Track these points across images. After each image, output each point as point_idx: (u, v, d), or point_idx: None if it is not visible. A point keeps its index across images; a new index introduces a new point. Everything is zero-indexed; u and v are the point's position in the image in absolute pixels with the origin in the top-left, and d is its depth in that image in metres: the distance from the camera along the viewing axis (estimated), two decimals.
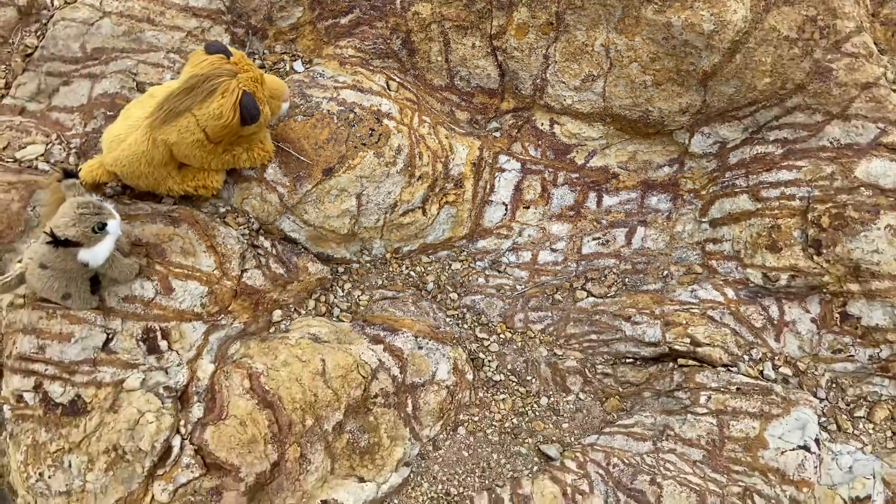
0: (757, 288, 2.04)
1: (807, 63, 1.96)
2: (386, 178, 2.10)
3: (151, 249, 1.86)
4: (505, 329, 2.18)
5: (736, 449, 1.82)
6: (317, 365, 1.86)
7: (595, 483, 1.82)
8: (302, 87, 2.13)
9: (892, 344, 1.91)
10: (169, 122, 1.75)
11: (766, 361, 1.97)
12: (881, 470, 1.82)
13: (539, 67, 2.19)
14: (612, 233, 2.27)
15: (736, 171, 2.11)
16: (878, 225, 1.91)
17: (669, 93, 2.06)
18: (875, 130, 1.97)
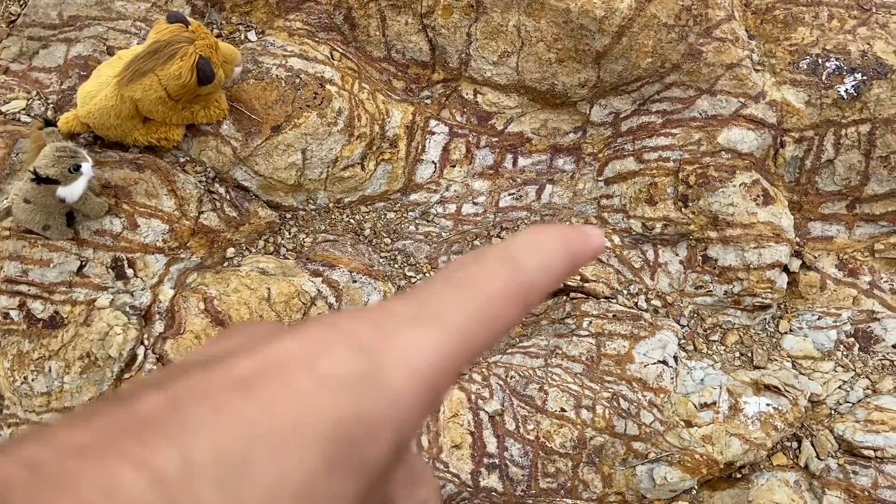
0: (638, 235, 2.43)
1: (682, 46, 2.33)
2: (328, 136, 2.43)
3: (119, 191, 2.17)
4: (430, 269, 2.54)
5: (609, 363, 2.22)
6: (263, 292, 2.20)
7: (495, 390, 2.21)
8: (254, 54, 2.43)
9: (742, 281, 2.31)
10: (135, 81, 2.06)
11: (640, 295, 2.36)
12: (727, 382, 2.23)
13: (463, 44, 2.52)
14: (525, 189, 2.63)
15: (626, 137, 2.49)
16: (734, 182, 2.30)
17: (570, 69, 2.42)
18: (737, 104, 2.35)
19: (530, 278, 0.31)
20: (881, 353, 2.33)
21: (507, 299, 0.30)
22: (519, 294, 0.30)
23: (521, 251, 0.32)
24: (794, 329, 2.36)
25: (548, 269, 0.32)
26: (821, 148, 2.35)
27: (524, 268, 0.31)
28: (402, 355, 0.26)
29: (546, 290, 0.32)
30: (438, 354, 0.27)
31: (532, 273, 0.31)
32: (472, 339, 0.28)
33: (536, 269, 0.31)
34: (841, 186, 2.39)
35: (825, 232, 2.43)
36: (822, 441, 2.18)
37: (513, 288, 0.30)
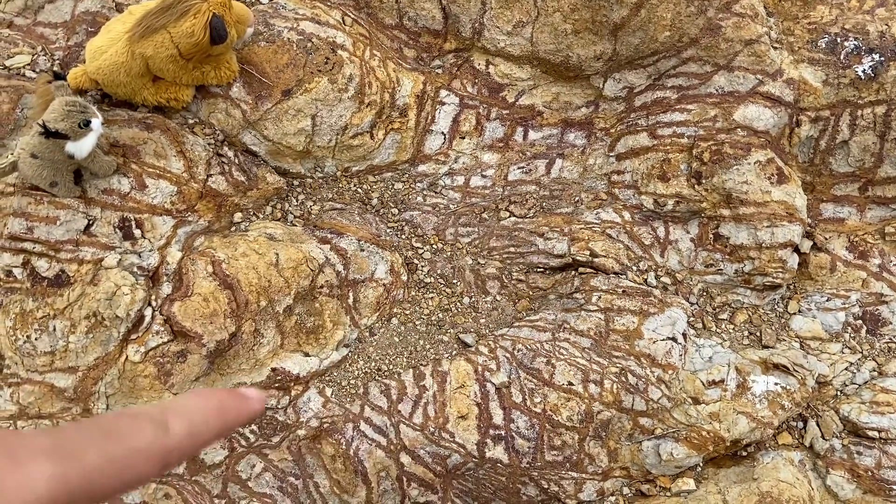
0: (649, 212, 2.41)
1: (701, 20, 2.30)
2: (338, 102, 2.39)
3: (128, 150, 2.13)
4: (437, 240, 2.52)
5: (617, 339, 2.21)
6: (271, 257, 2.17)
7: (502, 363, 2.19)
8: (266, 16, 2.39)
9: (753, 260, 2.30)
10: (146, 38, 2.01)
11: (650, 272, 2.35)
12: (735, 360, 2.23)
13: (477, 13, 2.48)
14: (534, 163, 2.60)
15: (639, 112, 2.46)
16: (748, 160, 2.28)
17: (586, 41, 2.39)
18: (754, 81, 2.33)
19: (175, 443, 0.34)
20: (888, 336, 2.33)
21: (146, 456, 0.33)
22: (159, 454, 0.33)
23: (174, 416, 0.35)
24: (802, 310, 2.36)
25: (194, 435, 0.35)
26: (836, 128, 2.34)
27: (171, 433, 0.34)
28: (21, 479, 0.28)
29: (191, 452, 0.35)
30: (59, 485, 0.29)
31: (177, 439, 0.34)
32: (100, 481, 0.31)
33: (182, 436, 0.34)
34: (854, 168, 2.37)
35: (837, 213, 2.42)
36: (827, 421, 2.19)
37: (154, 448, 0.33)
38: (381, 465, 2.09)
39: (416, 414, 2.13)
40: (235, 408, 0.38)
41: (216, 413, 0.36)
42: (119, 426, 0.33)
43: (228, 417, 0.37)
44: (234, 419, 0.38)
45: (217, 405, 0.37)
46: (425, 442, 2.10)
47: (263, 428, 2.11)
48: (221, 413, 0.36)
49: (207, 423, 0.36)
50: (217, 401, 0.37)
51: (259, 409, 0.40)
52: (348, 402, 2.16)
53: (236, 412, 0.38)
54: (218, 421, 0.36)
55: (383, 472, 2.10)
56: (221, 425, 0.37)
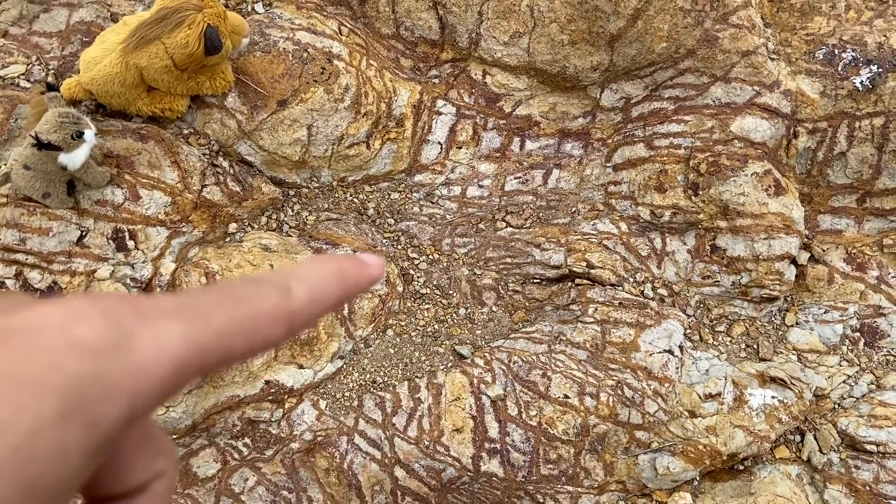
0: (646, 223, 2.40)
1: (698, 31, 2.30)
2: (334, 112, 2.38)
3: (121, 161, 2.12)
4: (434, 251, 2.51)
5: (614, 351, 2.19)
6: (266, 268, 2.16)
7: (497, 375, 2.18)
8: (262, 26, 2.38)
9: (750, 272, 2.29)
10: (140, 48, 2.01)
11: (647, 283, 2.34)
12: (732, 373, 2.21)
13: (474, 23, 2.48)
14: (531, 173, 2.60)
15: (636, 123, 2.45)
16: (745, 172, 2.27)
17: (583, 51, 2.38)
18: (751, 92, 2.32)
19: (299, 307, 0.33)
20: (886, 349, 2.31)
21: (272, 319, 0.32)
22: (285, 318, 0.33)
23: (296, 281, 0.34)
24: (800, 322, 2.35)
25: (318, 300, 0.34)
26: (834, 140, 2.33)
27: (294, 296, 0.33)
28: (153, 336, 0.28)
29: (315, 317, 0.35)
30: (190, 344, 0.29)
31: (301, 302, 0.33)
32: (229, 343, 0.30)
33: (305, 300, 0.34)
34: (852, 179, 2.36)
35: (834, 225, 2.41)
36: (825, 435, 2.17)
37: (280, 311, 0.32)
38: (375, 478, 2.08)
39: (411, 427, 2.11)
40: (355, 272, 0.37)
41: (336, 277, 0.36)
42: (244, 291, 0.32)
43: (349, 282, 0.36)
44: (354, 283, 0.37)
45: (336, 270, 0.36)
46: (420, 455, 2.08)
47: (256, 441, 2.10)
48: (341, 277, 0.36)
49: (328, 288, 0.35)
50: (336, 266, 0.36)
51: (379, 275, 0.39)
52: (342, 414, 2.14)
53: (356, 276, 0.37)
54: (338, 285, 0.36)
55: (377, 485, 2.08)
56: (342, 290, 0.36)
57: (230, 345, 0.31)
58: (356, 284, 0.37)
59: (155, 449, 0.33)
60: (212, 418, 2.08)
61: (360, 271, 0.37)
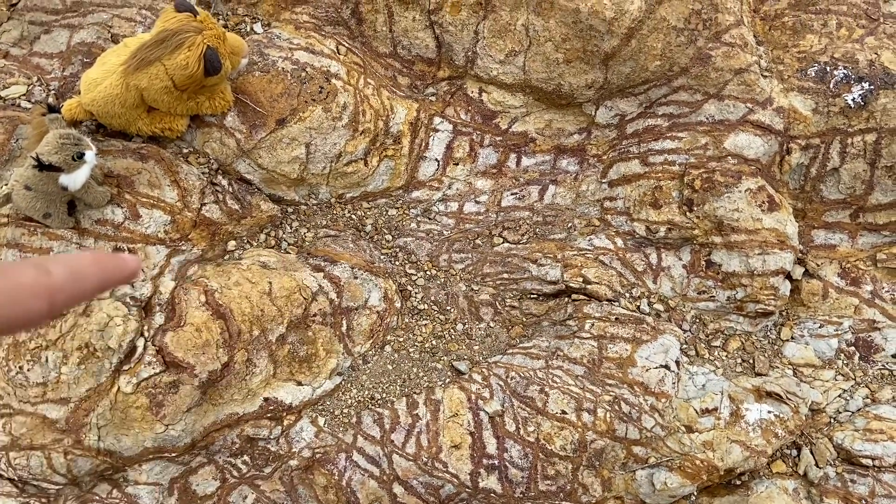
0: (641, 238, 2.42)
1: (691, 50, 2.33)
2: (332, 130, 2.41)
3: (122, 180, 2.14)
4: (431, 267, 2.53)
5: (611, 366, 2.21)
6: (264, 286, 2.18)
7: (495, 391, 2.19)
8: (261, 46, 2.41)
9: (745, 287, 2.31)
10: (141, 70, 2.03)
11: (643, 299, 2.35)
12: (728, 388, 2.23)
13: (470, 42, 2.51)
14: (527, 189, 2.62)
15: (631, 139, 2.48)
16: (739, 188, 2.30)
17: (578, 70, 2.41)
18: (744, 109, 2.35)
19: (59, 283, 0.35)
20: (881, 363, 2.33)
21: (32, 292, 0.34)
22: (45, 292, 0.34)
23: (53, 263, 0.36)
24: (795, 336, 2.36)
25: (76, 279, 0.36)
26: (826, 156, 2.35)
27: (54, 273, 0.35)
28: None
29: (75, 297, 0.37)
30: None
31: (60, 279, 0.35)
32: None
33: (64, 277, 0.36)
34: (845, 195, 2.39)
35: (828, 240, 2.44)
36: (821, 449, 2.18)
37: (40, 285, 0.34)
38: (373, 495, 2.09)
39: (409, 443, 2.12)
40: (112, 262, 0.40)
41: (93, 263, 0.38)
42: (5, 268, 0.34)
43: (106, 269, 0.39)
44: (112, 272, 0.39)
45: (93, 257, 0.38)
46: (418, 472, 2.09)
47: (255, 458, 2.10)
48: (98, 264, 0.38)
49: (87, 270, 0.37)
50: (92, 255, 0.39)
51: (135, 268, 0.41)
52: (341, 431, 2.15)
53: (114, 266, 0.39)
54: (96, 270, 0.38)
55: (376, 502, 2.09)
56: (100, 275, 0.38)
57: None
58: (114, 272, 0.39)
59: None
60: (211, 436, 2.09)
61: (116, 262, 0.40)
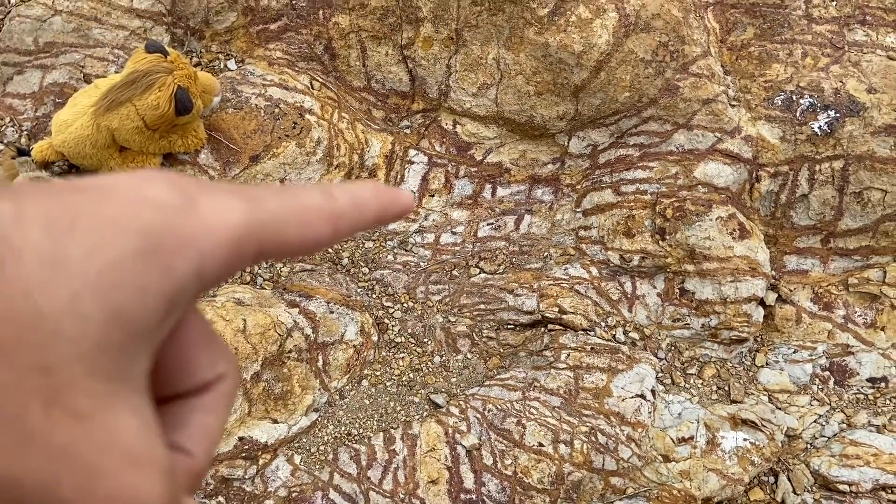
0: (616, 267, 2.44)
1: (659, 81, 2.36)
2: (307, 165, 2.42)
3: None
4: (408, 299, 2.53)
5: (587, 397, 2.21)
6: (238, 323, 2.17)
7: (472, 424, 2.19)
8: (234, 83, 2.43)
9: (719, 314, 2.32)
10: (111, 111, 2.04)
11: (618, 327, 2.36)
12: (704, 416, 2.23)
13: (443, 75, 2.54)
14: (503, 219, 2.63)
15: (603, 169, 2.51)
16: (710, 216, 2.32)
17: (549, 102, 2.44)
18: (713, 138, 2.38)
19: (342, 207, 0.35)
20: (856, 387, 2.34)
21: (319, 215, 0.33)
22: (330, 216, 0.34)
23: (336, 189, 0.36)
24: (770, 362, 2.38)
25: (359, 206, 0.36)
26: (795, 183, 2.39)
27: (337, 199, 0.35)
28: (215, 205, 0.29)
29: (355, 224, 0.36)
30: (250, 218, 0.30)
31: (344, 204, 0.35)
32: (284, 227, 0.31)
33: (348, 203, 0.35)
34: (815, 221, 2.42)
35: (800, 265, 2.46)
36: (798, 476, 2.19)
37: (325, 209, 0.34)
38: None
39: (386, 480, 2.11)
40: (390, 195, 0.38)
41: (373, 194, 0.37)
42: (292, 189, 0.33)
43: (384, 201, 0.37)
44: (389, 204, 0.38)
45: (373, 188, 0.37)
46: None
47: (230, 499, 2.08)
48: (378, 196, 0.37)
49: (366, 201, 0.36)
50: (372, 185, 0.38)
51: (409, 203, 0.40)
52: (317, 469, 2.14)
53: (391, 199, 0.38)
54: (376, 202, 0.37)
55: None
56: (379, 206, 0.37)
57: (284, 229, 0.31)
58: (391, 204, 0.38)
59: (217, 350, 0.34)
60: None
61: (394, 195, 0.39)
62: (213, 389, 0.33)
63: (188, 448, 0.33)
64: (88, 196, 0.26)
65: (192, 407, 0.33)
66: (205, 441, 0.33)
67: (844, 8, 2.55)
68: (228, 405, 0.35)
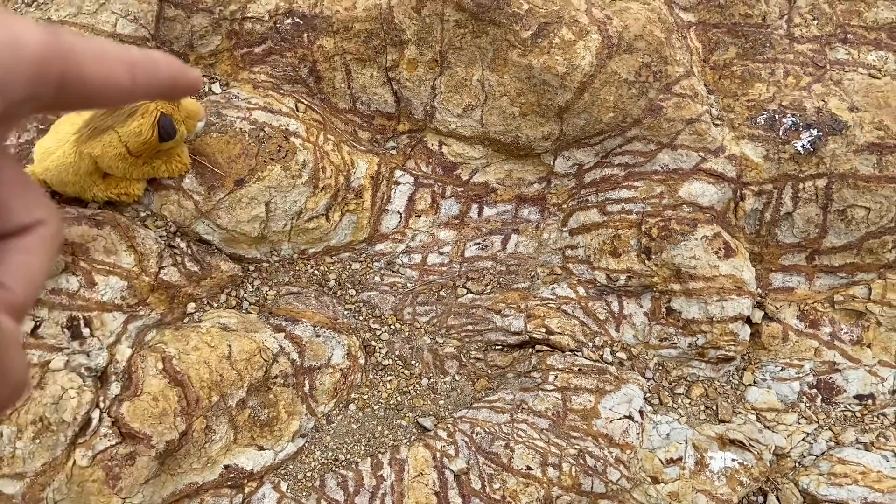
0: (603, 287, 2.44)
1: (643, 101, 2.37)
2: (292, 188, 2.41)
3: (76, 248, 2.12)
4: (395, 321, 2.52)
5: (575, 419, 2.20)
6: (224, 350, 2.16)
7: (460, 448, 2.18)
8: (218, 107, 2.42)
9: (705, 334, 2.33)
10: (94, 138, 2.03)
11: (606, 347, 2.36)
12: (692, 436, 2.23)
13: (428, 96, 2.54)
14: (490, 239, 2.63)
15: (589, 188, 2.51)
16: (695, 236, 2.33)
17: (534, 122, 2.44)
18: (697, 158, 2.39)
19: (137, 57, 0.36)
20: (843, 404, 2.35)
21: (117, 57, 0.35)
22: (127, 62, 0.35)
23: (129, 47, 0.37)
24: (757, 381, 2.38)
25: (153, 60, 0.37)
26: (780, 201, 2.40)
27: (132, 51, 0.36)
28: (18, 23, 0.29)
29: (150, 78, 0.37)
30: (50, 39, 0.30)
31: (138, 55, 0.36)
32: (82, 58, 0.32)
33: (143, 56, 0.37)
34: (800, 238, 2.43)
35: (786, 283, 2.47)
36: (787, 495, 2.19)
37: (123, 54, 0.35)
38: None
39: None
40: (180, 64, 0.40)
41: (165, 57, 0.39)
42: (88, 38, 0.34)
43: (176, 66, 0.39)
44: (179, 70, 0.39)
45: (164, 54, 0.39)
46: None
47: None
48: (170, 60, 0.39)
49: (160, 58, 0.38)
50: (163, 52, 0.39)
51: (199, 79, 0.42)
52: (304, 496, 2.12)
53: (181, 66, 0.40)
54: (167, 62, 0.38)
55: None
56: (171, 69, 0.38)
57: (85, 62, 0.32)
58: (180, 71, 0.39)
59: (33, 197, 0.35)
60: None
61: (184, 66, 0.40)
62: (31, 233, 0.34)
63: (7, 283, 0.34)
64: None
65: (9, 247, 0.35)
66: (24, 279, 0.35)
67: (826, 27, 2.58)
68: (49, 250, 0.36)
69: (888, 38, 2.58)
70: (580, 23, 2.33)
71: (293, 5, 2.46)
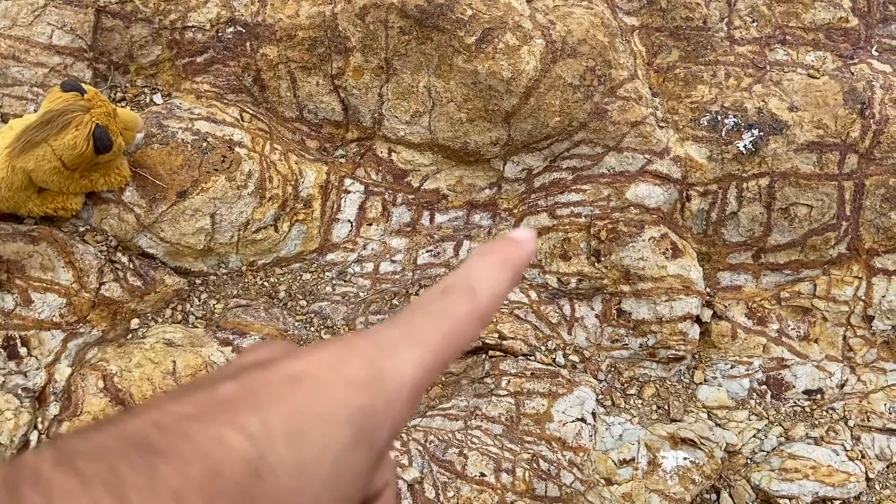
0: (554, 290, 2.44)
1: (588, 105, 2.39)
2: (238, 199, 2.37)
3: (11, 266, 2.06)
4: (348, 331, 2.49)
5: (529, 423, 2.19)
6: (168, 366, 2.10)
7: (414, 457, 2.15)
8: (160, 118, 2.37)
9: (655, 334, 2.34)
10: (26, 152, 1.97)
11: (558, 351, 2.36)
12: (645, 437, 2.24)
13: (375, 104, 2.52)
14: (442, 246, 2.62)
15: (539, 193, 2.52)
16: (643, 237, 2.35)
17: (481, 128, 2.44)
18: (643, 160, 2.42)
19: (485, 306, 0.40)
20: (792, 400, 2.38)
21: (469, 323, 0.39)
22: (478, 319, 0.39)
23: (478, 281, 0.40)
24: (708, 379, 2.40)
25: (498, 295, 0.40)
26: (725, 201, 2.43)
27: (480, 298, 0.39)
28: (395, 367, 0.35)
29: (496, 309, 0.41)
30: (421, 367, 0.36)
31: (486, 301, 0.40)
32: (444, 354, 0.37)
33: (488, 298, 0.40)
34: (746, 237, 2.46)
35: (734, 281, 2.50)
36: (739, 492, 2.20)
37: (473, 315, 0.39)
38: None
39: None
40: (516, 254, 0.42)
41: (504, 266, 0.41)
42: (442, 306, 0.38)
43: (516, 266, 0.41)
44: (518, 265, 0.41)
45: (501, 260, 0.41)
46: None
47: None
48: (507, 264, 0.41)
49: (502, 279, 0.40)
50: (500, 256, 0.41)
51: (534, 247, 0.43)
52: None
53: (517, 257, 0.42)
54: (508, 273, 0.41)
55: None
56: (512, 275, 0.41)
57: (445, 357, 0.37)
58: (519, 264, 0.42)
59: (386, 462, 0.38)
60: None
61: (519, 253, 0.42)
62: (381, 497, 0.38)
63: None
64: (304, 391, 0.32)
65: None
66: None
67: (765, 28, 2.63)
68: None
69: (826, 38, 2.64)
70: (524, 28, 2.34)
71: (235, 14, 2.43)
